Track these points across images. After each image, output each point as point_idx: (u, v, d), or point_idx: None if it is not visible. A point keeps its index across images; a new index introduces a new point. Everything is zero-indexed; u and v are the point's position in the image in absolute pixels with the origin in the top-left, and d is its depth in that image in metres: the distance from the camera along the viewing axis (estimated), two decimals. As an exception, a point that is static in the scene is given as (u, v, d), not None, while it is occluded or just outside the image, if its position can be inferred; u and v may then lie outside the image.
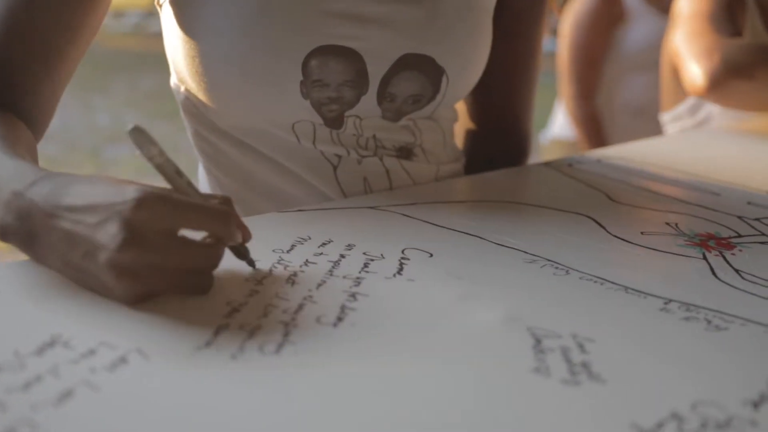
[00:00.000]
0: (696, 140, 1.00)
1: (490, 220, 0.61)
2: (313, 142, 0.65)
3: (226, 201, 0.46)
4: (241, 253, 0.47)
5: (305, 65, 0.61)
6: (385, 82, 0.64)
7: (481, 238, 0.56)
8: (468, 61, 0.67)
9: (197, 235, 0.45)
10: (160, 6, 0.65)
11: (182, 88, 0.68)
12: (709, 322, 0.44)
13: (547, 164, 0.79)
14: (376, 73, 0.63)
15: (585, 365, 0.39)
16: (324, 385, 0.37)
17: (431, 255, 0.53)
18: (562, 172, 0.76)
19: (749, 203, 0.68)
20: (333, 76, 0.62)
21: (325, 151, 0.66)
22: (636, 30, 1.71)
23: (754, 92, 0.95)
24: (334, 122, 0.65)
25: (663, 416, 0.35)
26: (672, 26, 1.17)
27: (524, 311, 0.44)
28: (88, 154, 4.15)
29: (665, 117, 1.25)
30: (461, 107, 0.78)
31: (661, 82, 1.27)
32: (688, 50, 0.99)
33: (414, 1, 0.63)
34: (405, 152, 0.69)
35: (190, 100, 0.67)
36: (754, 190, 0.73)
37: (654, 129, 1.45)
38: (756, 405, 0.36)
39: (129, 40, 7.89)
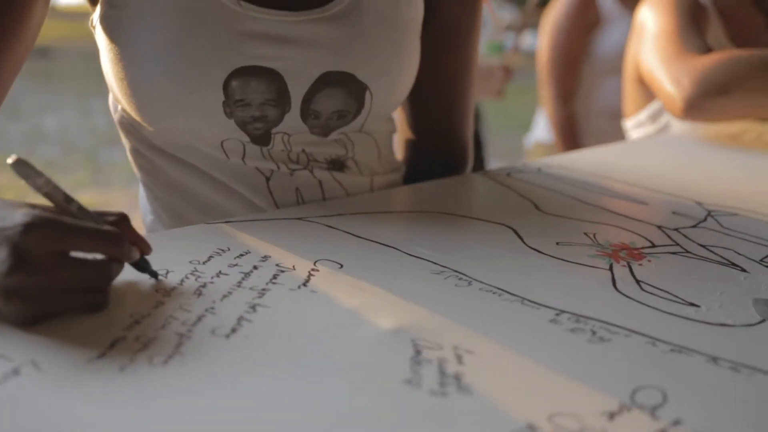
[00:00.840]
0: (644, 148, 1.02)
1: (411, 230, 0.63)
2: (243, 159, 0.67)
3: (121, 219, 0.47)
4: (141, 267, 0.49)
5: (226, 86, 0.62)
6: (308, 99, 0.65)
7: (396, 249, 0.58)
8: (391, 77, 0.68)
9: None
10: (94, 28, 0.66)
11: (119, 107, 0.69)
12: (594, 333, 0.46)
13: (485, 174, 0.80)
14: (297, 91, 0.65)
15: (457, 377, 0.40)
16: (203, 395, 0.38)
17: (341, 266, 0.54)
18: (498, 182, 0.77)
19: (674, 213, 0.70)
20: (254, 95, 0.63)
21: (255, 166, 0.68)
22: (612, 34, 1.72)
23: (729, 106, 0.96)
24: (261, 139, 0.66)
25: (518, 427, 0.36)
26: (635, 35, 1.18)
27: (413, 323, 0.45)
28: (86, 156, 4.18)
29: (628, 123, 1.26)
30: (401, 118, 0.80)
31: (623, 90, 1.28)
32: (664, 73, 1.01)
33: (333, 20, 0.64)
34: (337, 164, 0.70)
35: (125, 118, 0.69)
36: (683, 199, 0.74)
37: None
38: (612, 416, 0.37)
39: (128, 43, 7.90)
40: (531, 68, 2.41)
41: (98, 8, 0.64)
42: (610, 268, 0.56)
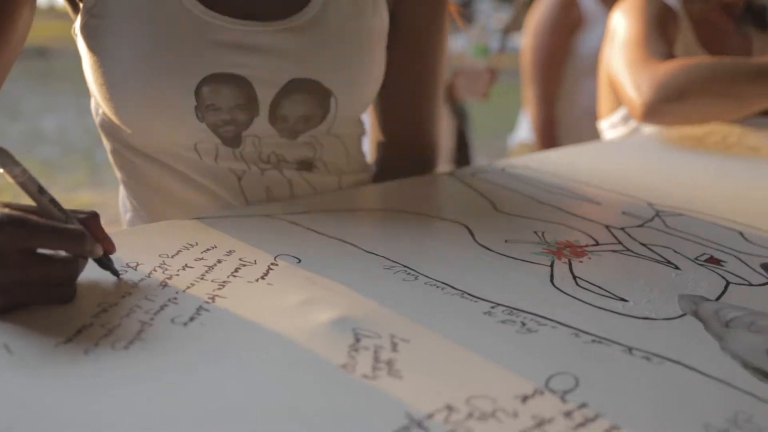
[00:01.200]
0: (608, 150, 1.05)
1: (371, 228, 0.67)
2: (215, 159, 0.71)
3: (91, 217, 0.51)
4: (104, 264, 0.53)
5: (198, 92, 0.66)
6: (275, 105, 0.69)
7: (353, 245, 0.61)
8: (355, 84, 0.72)
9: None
10: (76, 36, 0.70)
11: (100, 110, 0.74)
12: (523, 324, 0.49)
13: (451, 174, 0.84)
14: (265, 97, 0.69)
15: (389, 363, 0.44)
16: (158, 377, 0.42)
17: (299, 261, 0.58)
18: (463, 181, 0.81)
19: (624, 213, 0.73)
20: (224, 101, 0.67)
21: (228, 166, 0.72)
22: (594, 35, 1.75)
23: (686, 111, 1.00)
24: (232, 142, 0.70)
25: (437, 407, 0.40)
26: (608, 39, 1.21)
27: (357, 313, 0.49)
28: (83, 156, 4.22)
29: (603, 124, 1.30)
30: (371, 121, 0.84)
31: (598, 92, 1.31)
32: (627, 79, 1.05)
33: (300, 30, 0.68)
34: (306, 165, 0.74)
35: (106, 121, 0.73)
36: (636, 200, 0.77)
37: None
38: (525, 399, 0.41)
39: (126, 42, 7.94)
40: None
41: (79, 18, 0.68)
42: (551, 265, 0.59)
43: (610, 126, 1.27)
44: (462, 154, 2.02)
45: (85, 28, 0.68)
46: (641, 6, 1.13)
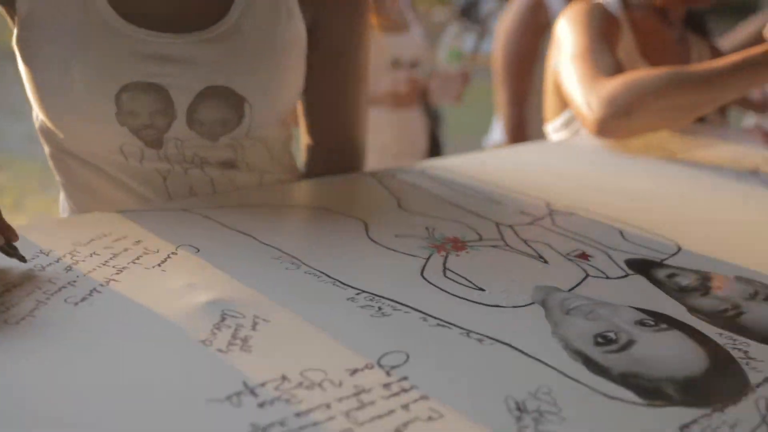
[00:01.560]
0: (533, 152, 1.10)
1: (274, 222, 0.72)
2: (140, 161, 0.77)
3: None
4: (7, 252, 0.59)
5: (118, 99, 0.72)
6: (192, 110, 0.75)
7: (252, 237, 0.67)
8: (269, 91, 0.77)
9: None
10: (15, 48, 0.77)
11: (39, 116, 0.80)
12: (380, 309, 0.55)
13: (373, 174, 0.89)
14: (181, 103, 0.75)
15: (245, 339, 0.50)
16: (40, 349, 0.48)
17: (198, 250, 0.64)
18: (380, 181, 0.87)
19: (522, 212, 0.79)
20: (143, 107, 0.74)
21: (153, 167, 0.78)
22: (561, 40, 1.80)
23: (634, 126, 1.05)
24: (155, 144, 0.76)
25: (272, 377, 0.46)
26: (553, 47, 1.26)
27: (231, 297, 0.55)
28: (83, 156, 4.28)
29: (548, 128, 1.35)
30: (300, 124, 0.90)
31: (543, 98, 1.36)
32: (578, 95, 1.09)
33: (214, 41, 0.74)
34: (228, 165, 0.80)
35: (43, 126, 0.80)
36: (537, 200, 0.83)
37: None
38: (354, 372, 0.47)
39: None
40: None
41: (15, 30, 0.74)
42: (428, 258, 0.65)
43: (554, 130, 1.32)
44: (434, 156, 2.07)
45: (18, 40, 0.74)
46: (584, 16, 1.18)
